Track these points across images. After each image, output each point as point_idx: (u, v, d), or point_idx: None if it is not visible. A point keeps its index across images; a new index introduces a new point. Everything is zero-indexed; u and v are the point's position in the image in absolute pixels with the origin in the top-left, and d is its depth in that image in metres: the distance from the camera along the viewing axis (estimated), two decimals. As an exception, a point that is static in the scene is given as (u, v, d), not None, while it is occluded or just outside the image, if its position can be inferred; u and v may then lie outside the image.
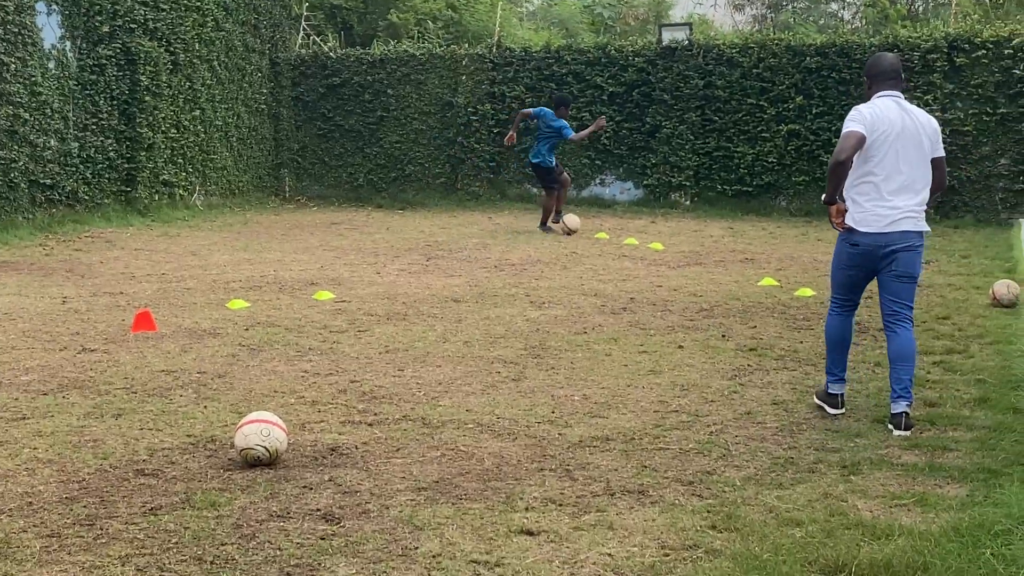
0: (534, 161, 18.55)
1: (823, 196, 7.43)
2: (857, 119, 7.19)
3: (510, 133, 18.96)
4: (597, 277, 13.53)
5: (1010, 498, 5.36)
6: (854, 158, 7.21)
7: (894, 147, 7.17)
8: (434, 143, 24.25)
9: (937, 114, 19.37)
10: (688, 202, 22.39)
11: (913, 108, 7.35)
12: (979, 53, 20.23)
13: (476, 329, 10.26)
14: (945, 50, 20.43)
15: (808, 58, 21.41)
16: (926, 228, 7.28)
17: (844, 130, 7.23)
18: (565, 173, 19.15)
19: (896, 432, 7.01)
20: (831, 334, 7.57)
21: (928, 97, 20.18)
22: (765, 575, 4.56)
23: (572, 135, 18.43)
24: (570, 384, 8.24)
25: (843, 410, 7.45)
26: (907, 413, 7.07)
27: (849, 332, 7.59)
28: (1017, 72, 19.96)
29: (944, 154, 7.36)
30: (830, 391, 7.54)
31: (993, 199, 20.32)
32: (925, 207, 7.29)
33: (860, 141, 7.15)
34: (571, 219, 18.53)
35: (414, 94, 24.29)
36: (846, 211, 7.34)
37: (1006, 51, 20.05)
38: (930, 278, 13.17)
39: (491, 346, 9.55)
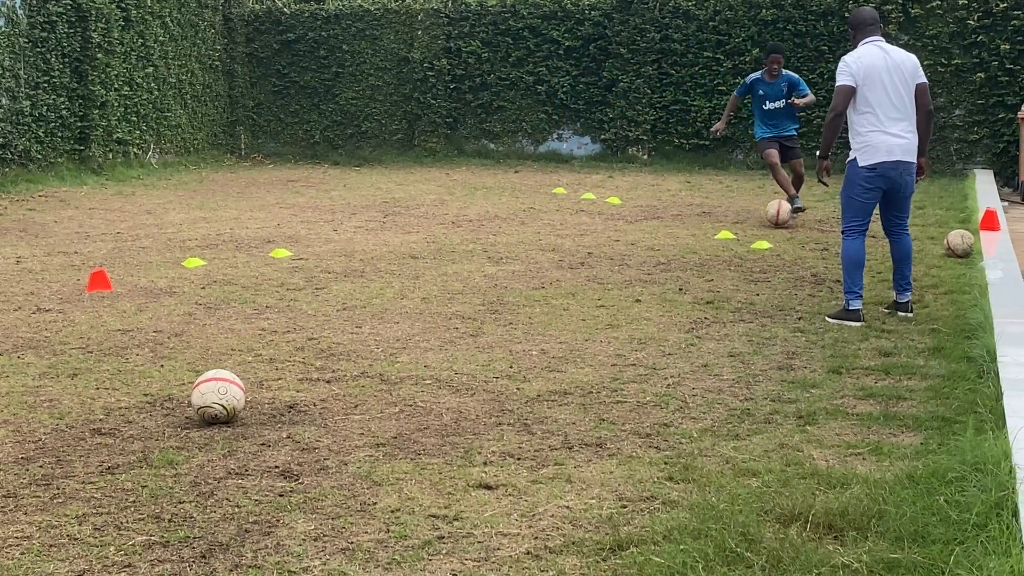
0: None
1: (818, 151, 9.04)
2: (846, 71, 8.49)
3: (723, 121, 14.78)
4: (555, 232, 13.53)
5: (963, 445, 5.41)
6: (855, 103, 8.50)
7: (883, 85, 8.45)
8: (390, 99, 24.11)
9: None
10: (645, 156, 22.39)
11: (893, 48, 8.66)
12: (934, 4, 20.26)
13: (434, 285, 10.25)
14: (900, 1, 20.46)
15: (764, 10, 21.40)
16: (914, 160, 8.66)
17: (836, 84, 8.56)
18: (770, 149, 14.31)
19: (900, 314, 8.74)
20: (852, 257, 8.65)
21: (883, 49, 20.19)
22: (722, 525, 4.59)
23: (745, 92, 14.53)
24: (528, 339, 8.25)
25: (863, 323, 8.53)
26: (909, 301, 8.83)
27: (864, 253, 8.73)
28: (971, 23, 20.02)
29: (926, 81, 8.68)
30: (851, 307, 8.62)
31: (948, 150, 20.42)
32: (915, 132, 8.62)
33: (850, 93, 8.49)
34: (779, 208, 13.96)
35: (369, 50, 24.12)
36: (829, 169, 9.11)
37: (960, 2, 20.09)
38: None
39: (449, 302, 9.55)
